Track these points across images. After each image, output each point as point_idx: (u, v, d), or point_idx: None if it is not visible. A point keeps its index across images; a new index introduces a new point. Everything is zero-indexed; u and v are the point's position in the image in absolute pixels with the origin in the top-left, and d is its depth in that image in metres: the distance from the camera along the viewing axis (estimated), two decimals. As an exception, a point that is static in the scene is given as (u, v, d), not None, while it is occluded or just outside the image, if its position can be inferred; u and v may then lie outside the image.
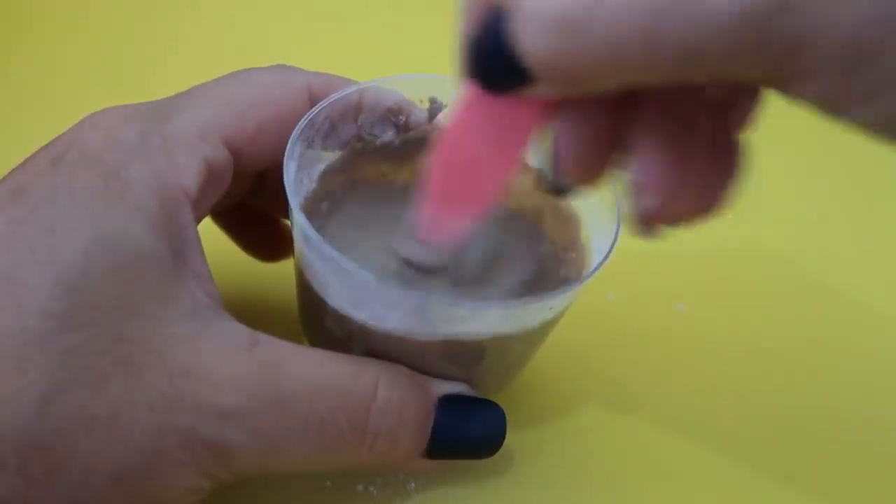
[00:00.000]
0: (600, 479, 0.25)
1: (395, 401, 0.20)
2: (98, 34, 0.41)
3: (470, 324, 0.21)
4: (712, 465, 0.26)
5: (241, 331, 0.19)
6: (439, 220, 0.20)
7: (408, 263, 0.22)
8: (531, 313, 0.21)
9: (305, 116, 0.22)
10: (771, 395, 0.28)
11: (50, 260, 0.18)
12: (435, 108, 0.25)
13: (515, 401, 0.26)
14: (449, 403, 0.21)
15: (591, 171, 0.18)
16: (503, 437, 0.22)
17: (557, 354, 0.28)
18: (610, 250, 0.21)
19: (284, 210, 0.22)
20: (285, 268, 0.26)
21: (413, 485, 0.24)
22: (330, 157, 0.25)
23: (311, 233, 0.20)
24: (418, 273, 0.22)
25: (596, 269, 0.21)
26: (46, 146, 0.20)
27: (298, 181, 0.21)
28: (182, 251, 0.20)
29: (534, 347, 0.24)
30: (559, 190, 0.19)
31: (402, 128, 0.25)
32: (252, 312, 0.23)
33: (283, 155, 0.21)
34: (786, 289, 0.32)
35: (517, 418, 0.25)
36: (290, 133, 0.22)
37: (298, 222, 0.20)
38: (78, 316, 0.17)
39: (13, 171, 0.20)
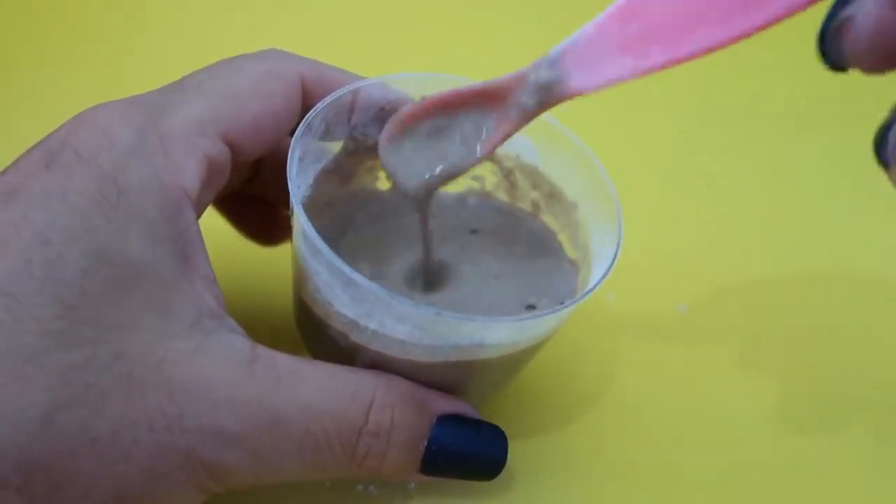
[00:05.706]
0: (601, 480, 0.25)
1: (385, 423, 0.20)
2: (91, 25, 0.39)
3: (479, 336, 0.20)
4: (714, 466, 0.26)
5: (242, 345, 0.19)
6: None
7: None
8: (541, 324, 0.21)
9: (303, 122, 0.22)
10: (773, 395, 0.28)
11: (46, 277, 0.17)
12: None
13: (515, 402, 0.26)
14: (448, 423, 0.21)
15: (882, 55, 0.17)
16: (503, 464, 0.22)
17: (558, 356, 0.28)
18: (614, 258, 0.21)
19: (280, 196, 0.21)
20: (284, 270, 0.25)
21: (413, 485, 0.24)
22: (330, 147, 0.25)
23: (322, 245, 0.19)
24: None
25: (603, 276, 0.21)
26: (39, 144, 0.19)
27: (296, 187, 0.21)
28: (186, 254, 0.19)
29: (536, 354, 0.24)
30: (837, 66, 0.18)
31: None
32: (252, 316, 0.22)
33: (280, 149, 0.21)
34: (787, 289, 0.32)
35: (517, 419, 0.25)
36: (285, 123, 0.22)
37: (308, 235, 0.20)
38: (77, 334, 0.17)
39: (5, 170, 0.19)
